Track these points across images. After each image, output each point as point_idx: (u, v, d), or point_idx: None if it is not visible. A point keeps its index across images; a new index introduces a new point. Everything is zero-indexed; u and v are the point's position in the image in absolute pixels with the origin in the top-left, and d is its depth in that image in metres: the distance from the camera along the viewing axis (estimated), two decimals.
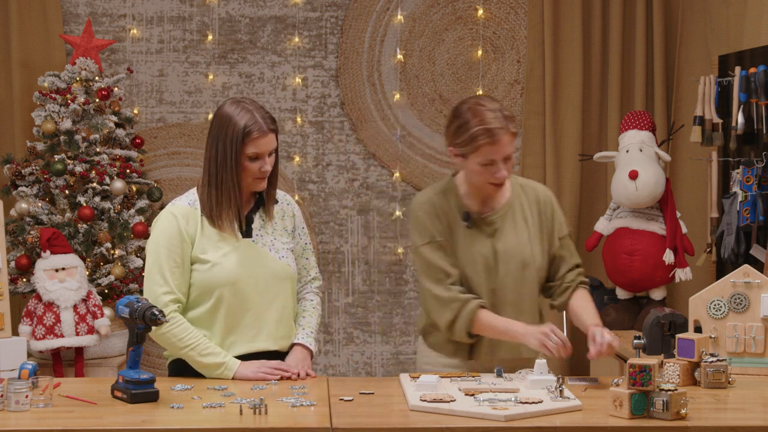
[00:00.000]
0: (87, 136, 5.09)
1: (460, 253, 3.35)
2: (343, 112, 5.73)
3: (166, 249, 3.27)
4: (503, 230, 3.37)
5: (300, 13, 5.68)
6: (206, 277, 3.28)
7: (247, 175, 3.27)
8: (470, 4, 5.72)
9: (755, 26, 4.62)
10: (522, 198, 3.43)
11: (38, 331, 4.75)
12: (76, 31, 5.53)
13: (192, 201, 3.34)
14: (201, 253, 3.28)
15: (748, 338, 3.40)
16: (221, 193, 3.27)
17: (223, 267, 3.27)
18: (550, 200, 3.46)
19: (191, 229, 3.29)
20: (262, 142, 3.25)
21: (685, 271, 4.79)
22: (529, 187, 3.47)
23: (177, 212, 3.31)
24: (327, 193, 5.72)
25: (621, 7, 5.58)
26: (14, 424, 2.75)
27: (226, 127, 3.25)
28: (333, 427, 2.72)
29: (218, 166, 3.26)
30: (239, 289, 3.27)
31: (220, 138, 3.26)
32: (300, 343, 3.39)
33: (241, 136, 3.23)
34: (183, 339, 3.24)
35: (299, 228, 3.48)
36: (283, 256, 3.37)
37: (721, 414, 2.95)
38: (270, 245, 3.36)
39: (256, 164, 3.26)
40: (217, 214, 3.29)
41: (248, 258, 3.30)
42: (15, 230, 5.00)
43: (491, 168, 3.25)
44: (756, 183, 4.42)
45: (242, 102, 3.29)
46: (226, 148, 3.24)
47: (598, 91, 5.64)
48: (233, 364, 3.24)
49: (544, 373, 3.12)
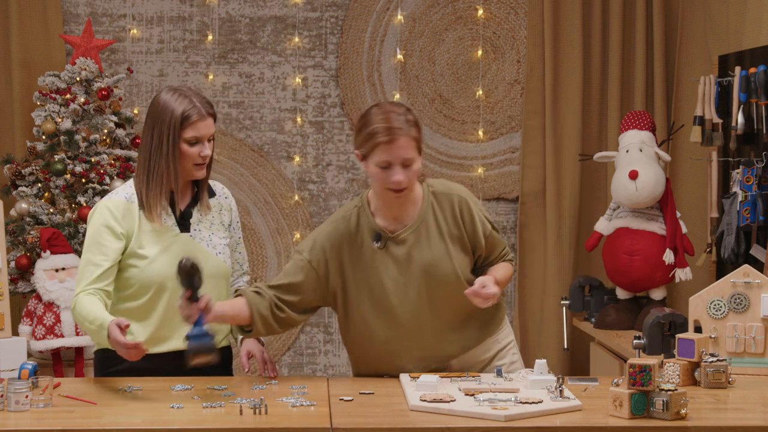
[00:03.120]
0: (87, 136, 5.09)
1: (372, 279, 3.26)
2: (343, 112, 5.73)
3: (96, 242, 3.25)
4: (419, 245, 3.27)
5: (300, 13, 5.68)
6: (143, 273, 3.27)
7: (186, 161, 3.26)
8: (470, 4, 5.72)
9: (755, 26, 4.62)
10: (436, 209, 3.31)
11: (38, 331, 4.75)
12: (76, 31, 5.53)
13: (129, 195, 3.32)
14: (138, 249, 3.27)
15: (748, 338, 3.40)
16: (153, 180, 3.26)
17: (160, 263, 3.27)
18: (465, 203, 3.32)
19: (127, 224, 3.27)
20: (202, 125, 3.25)
21: (685, 271, 4.79)
22: (442, 195, 3.33)
23: (111, 206, 3.29)
24: (327, 193, 5.72)
25: (621, 7, 5.58)
26: (14, 424, 2.75)
27: (162, 113, 3.25)
28: (333, 427, 2.72)
29: (152, 153, 3.25)
30: (176, 286, 3.18)
31: (156, 124, 3.26)
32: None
33: (180, 121, 3.23)
34: (88, 315, 3.16)
35: (234, 222, 3.48)
36: (219, 252, 3.37)
37: (721, 414, 2.95)
38: (207, 240, 3.35)
39: (195, 148, 3.26)
40: (147, 203, 3.27)
41: (185, 254, 3.21)
42: (15, 230, 5.00)
43: (388, 171, 3.16)
44: (756, 183, 4.41)
45: (179, 89, 3.30)
46: (163, 134, 3.24)
47: (598, 91, 5.64)
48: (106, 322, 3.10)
49: (544, 373, 3.12)
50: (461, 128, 5.76)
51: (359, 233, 3.29)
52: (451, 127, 5.76)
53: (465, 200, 3.33)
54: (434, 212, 3.31)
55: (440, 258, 3.27)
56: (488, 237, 3.35)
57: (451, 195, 3.34)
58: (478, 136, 5.74)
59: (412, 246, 3.27)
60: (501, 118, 5.76)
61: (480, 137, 5.75)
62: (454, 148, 5.77)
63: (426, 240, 3.28)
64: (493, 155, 5.76)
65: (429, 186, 3.35)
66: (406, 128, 3.17)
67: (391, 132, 3.15)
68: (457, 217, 3.31)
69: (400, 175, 3.16)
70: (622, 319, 4.86)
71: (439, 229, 3.30)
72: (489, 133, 5.75)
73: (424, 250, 3.27)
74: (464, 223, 3.31)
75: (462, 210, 3.32)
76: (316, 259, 3.27)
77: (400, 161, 3.17)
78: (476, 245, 3.33)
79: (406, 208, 3.29)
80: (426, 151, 5.74)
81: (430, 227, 3.29)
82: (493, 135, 5.75)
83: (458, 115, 5.76)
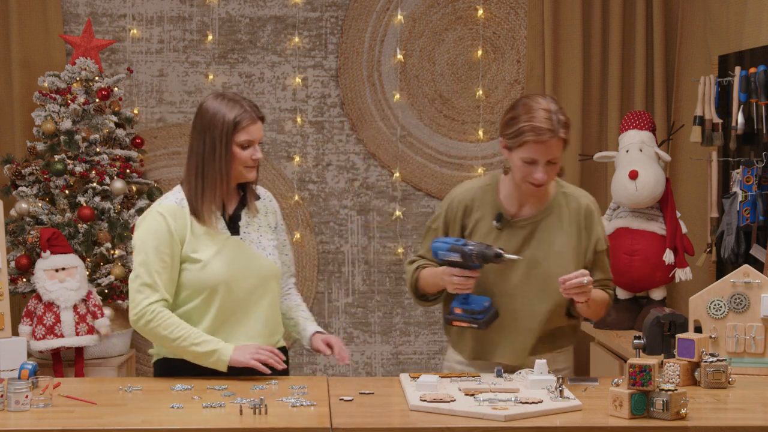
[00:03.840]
0: (87, 136, 5.09)
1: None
2: (343, 112, 5.73)
3: (154, 249, 3.27)
4: (534, 237, 3.30)
5: (300, 13, 5.68)
6: (197, 277, 3.28)
7: (238, 164, 3.31)
8: (470, 4, 5.72)
9: (755, 26, 4.62)
10: (563, 206, 3.34)
11: (38, 331, 4.75)
12: (76, 31, 5.53)
13: (179, 200, 3.35)
14: (192, 252, 3.29)
15: (748, 338, 3.40)
16: (206, 185, 3.30)
17: (213, 266, 3.28)
18: (591, 212, 3.35)
19: (180, 228, 3.30)
20: (253, 129, 3.31)
21: (685, 271, 4.79)
22: (572, 196, 3.37)
23: (164, 211, 3.32)
24: (327, 193, 5.72)
25: (621, 7, 5.58)
26: (14, 424, 2.75)
27: (213, 119, 3.29)
28: (333, 427, 2.72)
29: (205, 159, 3.30)
30: (230, 288, 3.29)
31: (207, 131, 3.30)
32: (319, 331, 3.48)
33: (233, 125, 3.28)
34: (173, 331, 3.24)
35: (279, 224, 3.53)
36: (269, 253, 3.40)
37: (721, 414, 2.95)
38: (257, 242, 3.39)
39: (247, 152, 3.31)
40: (200, 208, 3.30)
41: (237, 256, 3.32)
42: (15, 230, 5.00)
43: (531, 167, 3.19)
44: (756, 183, 4.42)
45: (226, 94, 3.35)
46: (215, 139, 3.28)
47: (598, 91, 5.64)
48: (226, 349, 3.24)
49: (544, 373, 3.12)
50: (461, 128, 5.76)
51: (483, 207, 3.34)
52: (451, 127, 5.76)
53: (592, 209, 3.36)
54: (559, 210, 3.33)
55: (551, 254, 3.29)
56: (597, 254, 3.34)
57: (580, 199, 3.37)
58: (478, 136, 5.75)
59: (527, 236, 3.31)
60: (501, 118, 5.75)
61: (480, 137, 5.75)
62: (454, 148, 5.77)
63: (543, 233, 3.31)
64: (493, 155, 5.76)
65: (561, 186, 3.38)
66: (557, 129, 3.17)
67: (542, 133, 3.15)
68: (580, 221, 3.33)
69: (543, 174, 3.19)
70: (622, 319, 4.86)
71: (559, 227, 3.32)
72: (489, 133, 5.75)
73: (538, 243, 3.30)
74: (584, 228, 3.33)
75: (587, 216, 3.34)
76: (452, 215, 3.35)
77: (546, 160, 3.19)
78: (585, 254, 3.32)
79: (537, 198, 3.32)
80: (426, 151, 5.75)
81: (551, 223, 3.32)
82: (493, 135, 5.75)
83: (458, 115, 5.76)
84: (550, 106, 3.20)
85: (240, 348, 3.25)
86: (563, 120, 3.19)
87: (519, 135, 3.17)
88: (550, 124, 3.16)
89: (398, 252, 5.74)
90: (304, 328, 3.51)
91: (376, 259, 5.75)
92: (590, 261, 3.33)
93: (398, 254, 5.74)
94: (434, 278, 3.32)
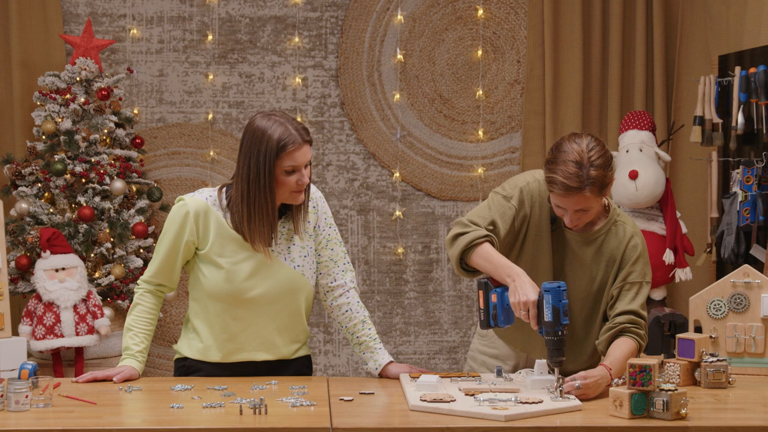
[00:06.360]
0: (87, 136, 5.09)
1: (530, 251, 3.26)
2: (343, 112, 5.73)
3: (168, 240, 3.25)
4: (580, 249, 3.24)
5: (300, 13, 5.68)
6: (217, 282, 3.22)
7: (283, 190, 3.17)
8: (470, 4, 5.72)
9: (755, 26, 4.62)
10: (611, 234, 3.24)
11: (38, 331, 4.75)
12: (76, 31, 5.53)
13: (213, 199, 3.25)
14: (217, 256, 3.22)
15: (748, 338, 3.40)
16: (254, 212, 3.17)
17: (236, 275, 3.21)
18: (637, 247, 3.23)
19: (203, 225, 3.22)
20: (298, 154, 3.13)
21: (685, 271, 4.79)
22: (624, 225, 3.26)
23: (192, 206, 3.23)
24: (327, 193, 5.72)
25: (621, 7, 5.58)
26: (14, 424, 2.75)
27: (258, 142, 3.13)
28: (333, 427, 2.72)
29: (250, 184, 3.15)
30: (248, 299, 3.21)
31: (252, 154, 3.14)
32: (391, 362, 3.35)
33: (276, 151, 3.12)
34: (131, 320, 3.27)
35: (322, 220, 3.36)
36: (299, 265, 3.28)
37: (721, 414, 2.95)
38: (285, 254, 3.27)
39: (293, 177, 3.15)
40: (250, 232, 3.19)
41: (263, 268, 3.21)
42: (15, 230, 5.00)
43: (561, 210, 3.13)
44: (756, 183, 4.42)
45: (273, 115, 3.18)
46: (260, 164, 3.12)
47: (598, 91, 5.64)
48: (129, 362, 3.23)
49: (544, 373, 3.11)
50: (461, 128, 5.76)
51: (542, 204, 3.25)
52: (451, 127, 5.76)
53: (638, 240, 3.25)
54: (608, 235, 3.24)
55: (590, 273, 3.24)
56: (630, 283, 3.21)
57: (629, 227, 3.27)
58: (478, 136, 5.75)
59: (578, 244, 3.24)
60: (501, 118, 5.76)
61: (480, 137, 5.75)
62: (454, 148, 5.77)
63: (587, 248, 3.23)
64: (493, 155, 5.76)
65: (618, 214, 3.28)
66: (584, 186, 3.05)
67: (567, 189, 3.05)
68: (621, 244, 3.23)
69: (571, 220, 3.13)
70: None
71: (607, 250, 3.23)
72: (489, 133, 5.75)
73: (582, 255, 3.24)
74: (626, 258, 3.23)
75: (630, 242, 3.23)
76: (520, 209, 3.24)
77: (574, 209, 3.11)
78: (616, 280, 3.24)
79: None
80: (426, 151, 5.75)
81: (600, 243, 3.24)
82: (493, 135, 5.76)
83: (458, 115, 5.76)
84: (584, 157, 3.05)
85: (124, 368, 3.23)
86: (593, 176, 3.03)
87: (549, 182, 3.11)
88: (577, 181, 3.03)
89: (398, 252, 5.74)
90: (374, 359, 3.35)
91: (376, 259, 5.75)
92: (620, 288, 3.22)
93: (398, 254, 5.74)
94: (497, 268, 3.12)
